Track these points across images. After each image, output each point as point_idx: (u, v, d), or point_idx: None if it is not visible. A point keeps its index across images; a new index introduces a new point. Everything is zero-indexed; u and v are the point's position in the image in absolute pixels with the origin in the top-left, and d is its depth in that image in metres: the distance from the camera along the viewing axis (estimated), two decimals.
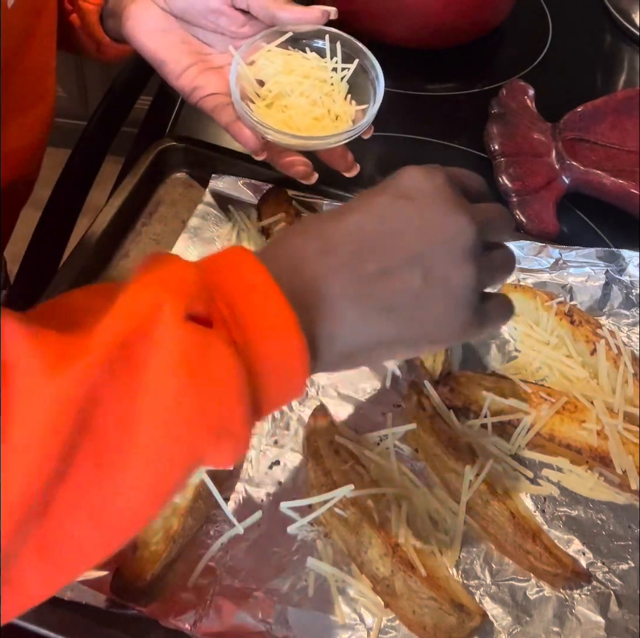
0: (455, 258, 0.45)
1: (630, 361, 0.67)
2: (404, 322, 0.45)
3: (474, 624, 0.54)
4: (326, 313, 0.43)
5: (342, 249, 0.44)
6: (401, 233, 0.45)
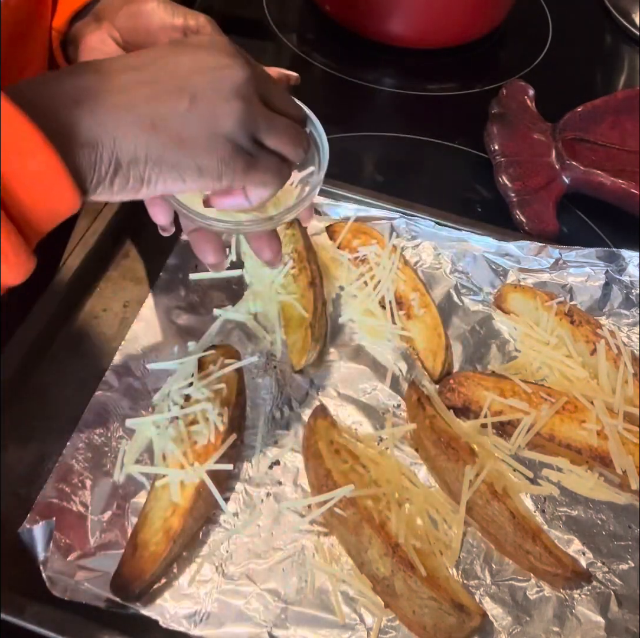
0: (223, 90, 0.46)
1: (630, 361, 0.67)
2: (168, 140, 0.46)
3: (474, 624, 0.54)
4: (88, 124, 0.44)
5: (117, 75, 0.46)
6: (175, 63, 0.47)
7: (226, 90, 0.47)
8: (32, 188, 0.42)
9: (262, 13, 1.08)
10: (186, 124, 0.46)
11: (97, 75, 0.46)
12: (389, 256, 0.74)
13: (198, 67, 0.47)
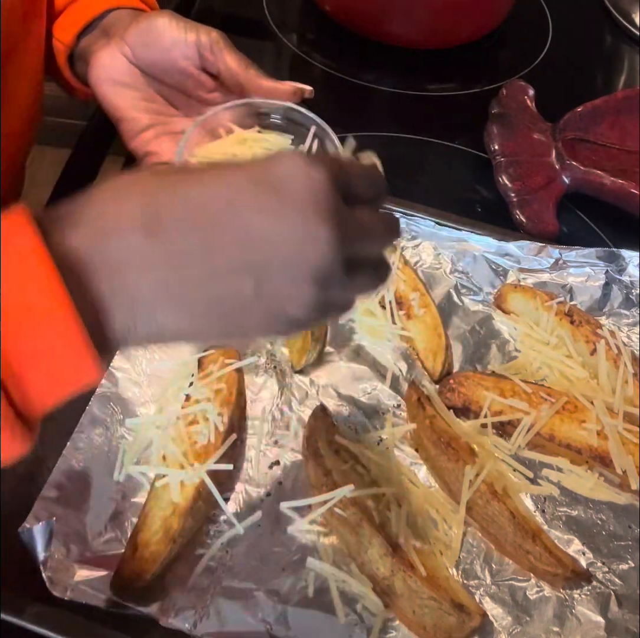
0: (298, 272, 0.39)
1: (630, 361, 0.67)
2: (217, 321, 0.40)
3: (474, 624, 0.54)
4: (126, 302, 0.37)
5: (171, 233, 0.37)
6: (247, 230, 0.38)
7: (302, 273, 0.39)
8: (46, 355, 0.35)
9: (262, 13, 1.08)
10: (243, 308, 0.39)
11: (146, 233, 0.37)
12: (388, 256, 0.73)
13: (274, 235, 0.38)
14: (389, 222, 0.46)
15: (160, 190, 0.38)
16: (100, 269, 0.36)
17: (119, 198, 0.38)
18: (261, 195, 0.39)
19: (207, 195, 0.38)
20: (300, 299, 0.39)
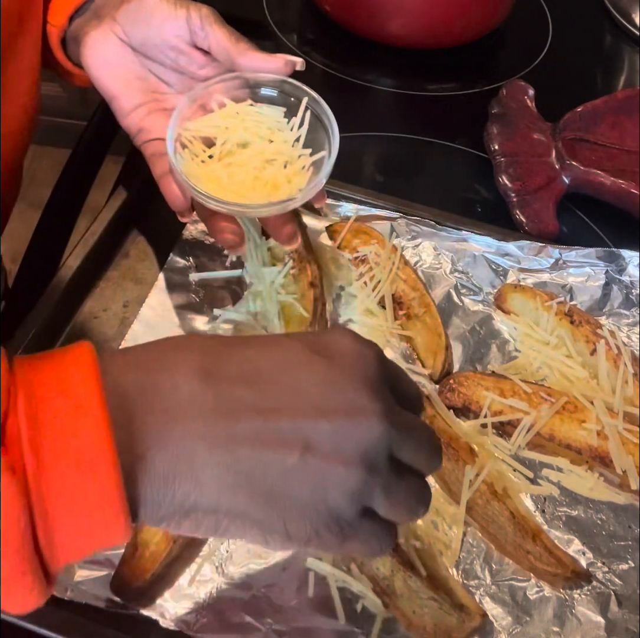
0: (345, 448, 0.37)
1: (630, 361, 0.67)
2: (259, 495, 0.37)
3: (474, 624, 0.54)
4: (166, 457, 0.36)
5: (224, 383, 0.37)
6: (297, 392, 0.38)
7: (350, 450, 0.37)
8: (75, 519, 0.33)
9: (262, 13, 1.08)
10: (286, 481, 0.37)
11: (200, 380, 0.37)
12: (389, 256, 0.74)
13: (325, 399, 0.38)
14: (430, 435, 0.43)
15: (220, 346, 0.40)
16: (148, 414, 0.36)
17: (179, 346, 0.39)
18: (315, 360, 0.39)
19: (264, 355, 0.39)
20: (343, 482, 0.37)
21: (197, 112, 0.62)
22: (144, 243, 0.76)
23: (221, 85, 0.62)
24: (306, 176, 0.60)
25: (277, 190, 0.59)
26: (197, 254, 0.75)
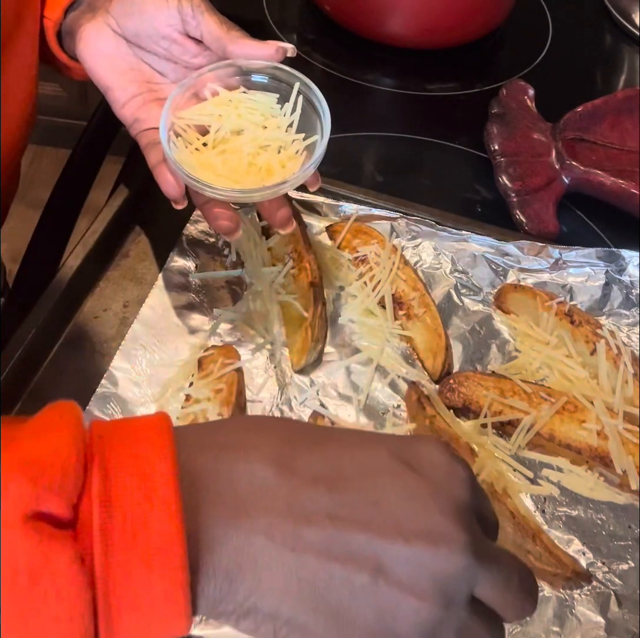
0: (422, 582, 0.34)
1: (630, 361, 0.67)
2: (321, 611, 0.34)
3: None
4: (231, 552, 0.34)
5: (300, 476, 0.35)
6: (377, 504, 0.35)
7: (426, 581, 0.34)
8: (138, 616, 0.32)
9: (262, 13, 1.08)
10: (353, 601, 0.34)
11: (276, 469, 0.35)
12: (389, 256, 0.74)
13: (404, 514, 0.35)
14: (526, 574, 0.39)
15: (301, 435, 0.37)
16: (218, 503, 0.34)
17: (259, 428, 0.37)
18: (403, 471, 0.36)
19: (347, 455, 0.36)
20: (416, 615, 0.34)
21: (191, 101, 0.62)
22: (144, 243, 0.76)
23: (214, 73, 0.62)
24: (300, 160, 0.61)
25: (272, 175, 0.60)
26: (197, 254, 0.75)
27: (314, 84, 0.62)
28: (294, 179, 0.58)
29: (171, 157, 0.58)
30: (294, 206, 0.77)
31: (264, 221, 0.76)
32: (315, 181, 0.62)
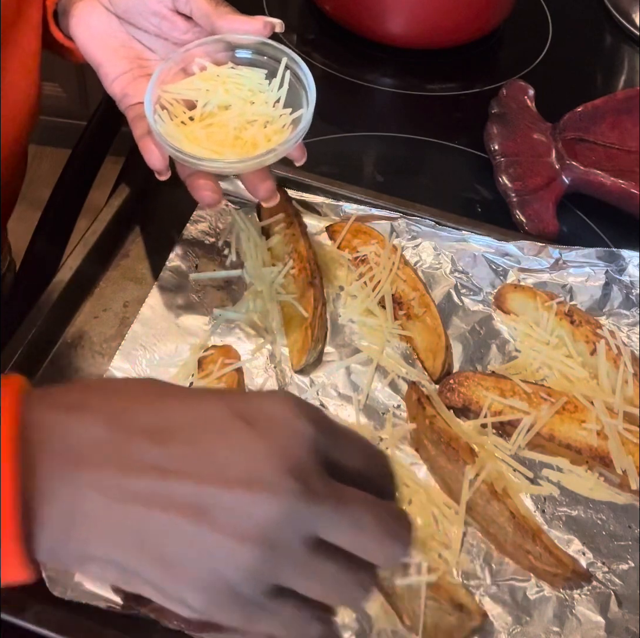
0: (242, 526, 0.35)
1: (630, 361, 0.67)
2: (152, 560, 0.35)
3: (474, 624, 0.54)
4: (61, 504, 0.35)
5: (130, 436, 0.36)
6: (206, 456, 0.36)
7: (246, 525, 0.35)
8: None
9: (262, 13, 1.08)
10: (180, 548, 0.35)
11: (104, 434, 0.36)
12: (389, 256, 0.74)
13: (231, 472, 0.35)
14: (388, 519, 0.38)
15: (142, 392, 0.38)
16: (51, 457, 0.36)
17: (103, 388, 0.39)
18: (236, 425, 0.37)
19: (181, 410, 0.37)
20: (239, 557, 0.35)
21: (178, 76, 0.62)
22: (144, 243, 0.76)
23: (202, 48, 0.62)
24: (286, 134, 0.60)
25: (257, 149, 0.60)
26: (197, 254, 0.75)
27: (300, 59, 0.62)
28: (278, 150, 0.58)
29: (155, 129, 0.58)
30: (294, 206, 0.77)
31: (264, 221, 0.76)
32: (301, 155, 0.62)
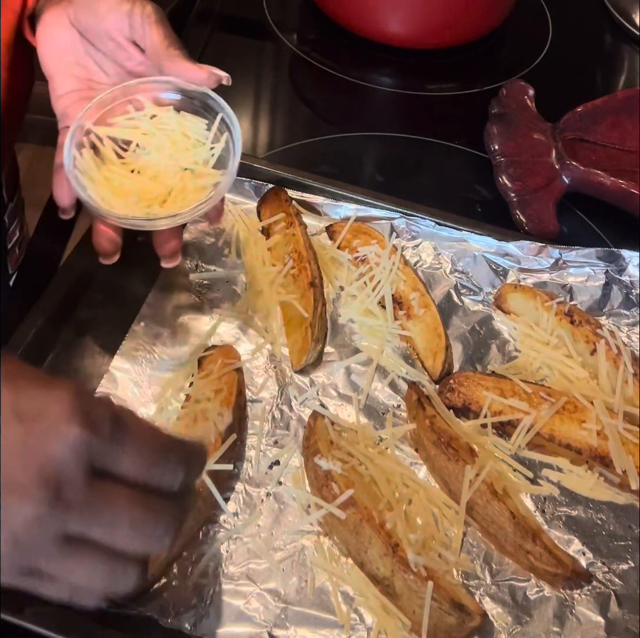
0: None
1: (630, 361, 0.67)
2: None
3: (474, 624, 0.54)
4: None
5: None
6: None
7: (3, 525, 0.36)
8: None
9: (262, 13, 1.08)
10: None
11: None
12: (389, 256, 0.74)
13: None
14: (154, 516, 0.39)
15: None
16: None
17: None
18: (6, 418, 0.37)
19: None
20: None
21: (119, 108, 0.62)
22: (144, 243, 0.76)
23: (150, 85, 0.62)
24: (204, 193, 0.60)
25: (172, 202, 0.59)
26: (197, 254, 0.75)
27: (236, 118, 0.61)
28: (192, 210, 0.58)
29: (68, 167, 0.58)
30: (294, 206, 0.77)
31: (263, 221, 0.76)
32: (216, 217, 0.62)
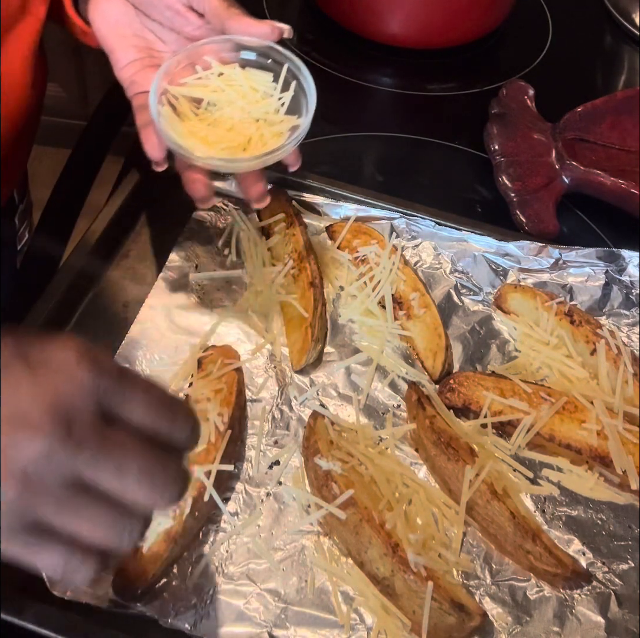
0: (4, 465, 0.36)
1: (630, 361, 0.67)
2: None
3: (474, 624, 0.54)
4: None
5: None
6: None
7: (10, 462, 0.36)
8: None
9: (262, 13, 1.08)
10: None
11: None
12: (389, 256, 0.74)
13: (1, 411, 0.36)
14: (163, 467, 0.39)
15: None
16: None
17: None
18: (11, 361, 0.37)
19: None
20: None
21: (185, 70, 0.63)
22: (144, 242, 0.76)
23: (212, 46, 0.63)
24: (283, 139, 0.61)
25: (255, 150, 0.61)
26: (197, 254, 0.75)
27: (304, 65, 0.63)
28: (273, 154, 0.59)
29: (157, 121, 0.59)
30: (294, 206, 0.77)
31: (263, 221, 0.76)
32: (296, 160, 0.63)
